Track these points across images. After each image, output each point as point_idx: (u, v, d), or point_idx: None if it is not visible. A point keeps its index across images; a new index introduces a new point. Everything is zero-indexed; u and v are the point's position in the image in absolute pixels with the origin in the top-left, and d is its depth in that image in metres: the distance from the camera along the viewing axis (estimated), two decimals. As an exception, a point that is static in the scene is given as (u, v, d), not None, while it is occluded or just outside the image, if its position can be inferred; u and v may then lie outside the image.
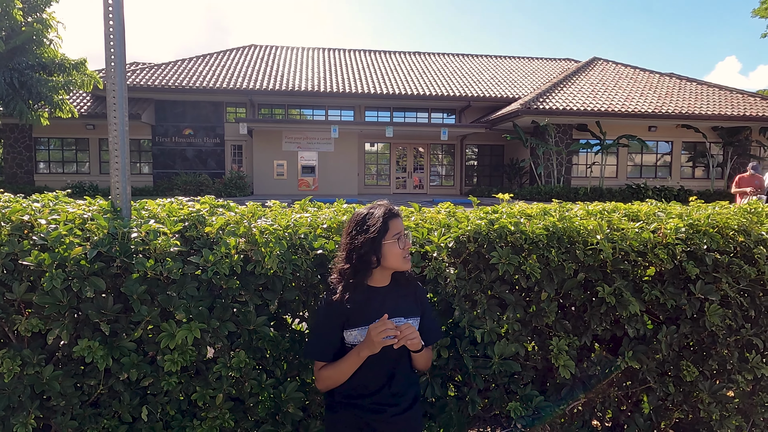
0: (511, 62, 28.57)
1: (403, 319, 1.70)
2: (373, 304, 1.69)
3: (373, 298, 1.70)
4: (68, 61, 13.08)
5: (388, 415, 1.69)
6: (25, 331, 1.71)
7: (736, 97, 21.31)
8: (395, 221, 1.68)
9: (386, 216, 1.68)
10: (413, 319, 1.73)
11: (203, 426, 1.84)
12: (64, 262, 1.70)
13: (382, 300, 1.71)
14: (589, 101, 19.55)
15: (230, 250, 1.85)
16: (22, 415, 1.73)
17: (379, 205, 1.72)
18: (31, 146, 20.91)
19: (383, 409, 1.69)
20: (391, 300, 1.72)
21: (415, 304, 1.76)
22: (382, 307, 1.69)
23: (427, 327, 1.78)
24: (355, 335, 1.68)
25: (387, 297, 1.72)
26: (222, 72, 22.58)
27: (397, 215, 1.70)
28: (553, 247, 2.08)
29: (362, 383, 1.70)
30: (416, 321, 1.74)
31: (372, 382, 1.70)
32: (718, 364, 2.25)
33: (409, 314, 1.73)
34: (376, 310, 1.68)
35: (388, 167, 23.87)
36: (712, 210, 2.44)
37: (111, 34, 2.07)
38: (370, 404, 1.70)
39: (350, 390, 1.71)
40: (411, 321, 1.72)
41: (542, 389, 2.22)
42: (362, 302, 1.69)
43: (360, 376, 1.69)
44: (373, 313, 1.68)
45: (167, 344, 1.73)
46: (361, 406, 1.70)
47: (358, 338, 1.68)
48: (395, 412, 1.70)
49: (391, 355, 1.68)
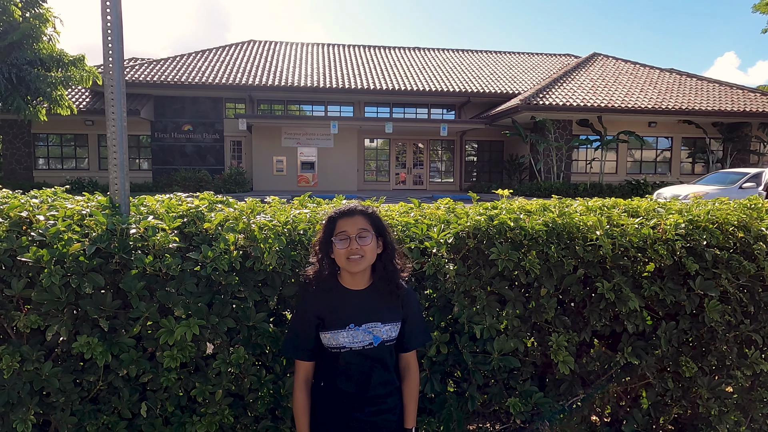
0: (511, 58, 28.50)
1: (379, 323, 1.68)
2: (346, 306, 1.68)
3: (347, 301, 1.68)
4: (66, 56, 13.04)
5: (366, 414, 1.69)
6: (24, 327, 1.71)
7: (736, 93, 21.28)
8: (343, 221, 1.65)
9: (335, 215, 1.67)
10: (393, 324, 1.70)
11: (203, 422, 1.85)
12: (62, 259, 1.70)
13: (357, 303, 1.68)
14: (589, 97, 19.52)
15: (229, 246, 1.84)
16: (21, 411, 1.73)
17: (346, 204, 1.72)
18: (30, 142, 20.88)
19: (361, 408, 1.70)
20: (367, 303, 1.69)
21: (398, 310, 1.71)
22: (355, 310, 1.67)
23: (408, 330, 1.74)
24: (328, 338, 1.67)
25: (363, 300, 1.69)
26: (221, 67, 22.52)
27: (346, 215, 1.66)
28: (553, 243, 2.07)
29: (338, 388, 1.70)
30: (396, 325, 1.71)
31: (347, 387, 1.70)
32: (717, 359, 2.26)
33: (387, 319, 1.69)
34: (349, 312, 1.67)
35: (387, 163, 23.85)
36: (712, 206, 2.44)
37: (109, 29, 2.06)
38: (347, 404, 1.70)
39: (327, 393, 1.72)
40: (389, 326, 1.69)
41: (541, 385, 2.22)
42: (336, 304, 1.68)
43: (335, 384, 1.70)
44: (346, 316, 1.67)
45: (166, 340, 1.73)
46: (338, 405, 1.71)
47: (331, 341, 1.67)
48: (372, 411, 1.70)
49: (364, 362, 1.68)
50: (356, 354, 1.67)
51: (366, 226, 1.65)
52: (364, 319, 1.67)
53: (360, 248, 1.62)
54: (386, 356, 1.71)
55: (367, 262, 1.65)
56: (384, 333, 1.68)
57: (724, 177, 14.18)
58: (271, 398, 1.92)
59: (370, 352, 1.67)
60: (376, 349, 1.67)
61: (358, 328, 1.66)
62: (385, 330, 1.68)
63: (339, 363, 1.69)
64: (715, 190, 12.91)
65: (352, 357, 1.67)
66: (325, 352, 1.71)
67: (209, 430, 1.85)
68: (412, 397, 1.77)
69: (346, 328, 1.66)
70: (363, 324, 1.66)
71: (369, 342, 1.66)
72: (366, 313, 1.67)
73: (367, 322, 1.67)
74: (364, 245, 1.62)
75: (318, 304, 1.69)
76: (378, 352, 1.68)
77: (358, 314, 1.67)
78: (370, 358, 1.68)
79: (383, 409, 1.72)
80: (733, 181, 13.58)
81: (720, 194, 12.33)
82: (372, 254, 1.65)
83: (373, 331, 1.67)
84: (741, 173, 13.83)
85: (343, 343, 1.66)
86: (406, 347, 1.76)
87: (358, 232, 1.63)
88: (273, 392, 1.93)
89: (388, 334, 1.69)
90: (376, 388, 1.70)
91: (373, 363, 1.69)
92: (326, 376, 1.73)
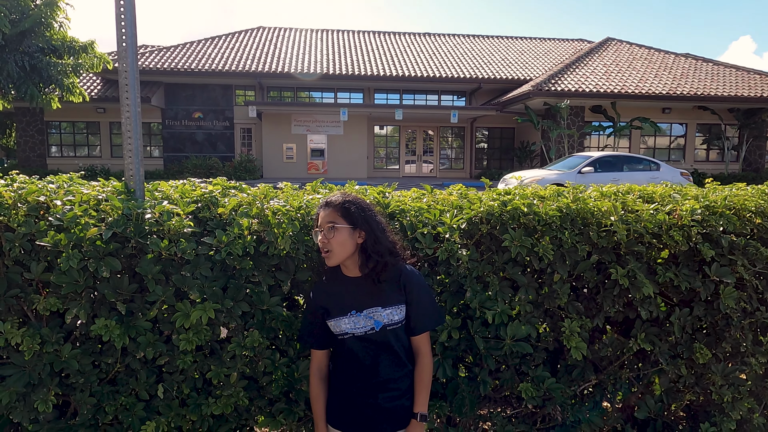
0: (523, 43, 28.10)
1: (379, 308, 1.68)
2: (347, 293, 1.71)
3: (348, 288, 1.71)
4: (77, 42, 13.08)
5: (378, 399, 1.72)
6: (44, 310, 1.74)
7: (753, 78, 20.83)
8: (321, 212, 1.69)
9: (319, 207, 1.72)
10: (394, 308, 1.70)
11: (218, 404, 1.88)
12: (80, 243, 1.72)
13: (356, 289, 1.71)
14: (602, 83, 19.23)
15: (243, 231, 1.86)
16: (42, 392, 1.77)
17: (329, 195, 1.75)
18: (43, 130, 21.07)
19: (373, 394, 1.72)
20: (365, 289, 1.69)
21: (399, 292, 1.71)
22: (355, 297, 1.69)
23: (414, 313, 1.72)
24: (332, 325, 1.72)
25: (361, 286, 1.70)
26: (231, 54, 22.48)
27: (322, 207, 1.70)
28: (567, 228, 2.06)
29: (350, 373, 1.74)
30: (399, 308, 1.71)
31: (357, 373, 1.73)
32: (732, 346, 2.24)
33: (388, 303, 1.69)
34: (349, 299, 1.70)
35: (397, 150, 23.76)
36: (729, 191, 2.40)
37: (122, 14, 2.06)
38: (359, 390, 1.74)
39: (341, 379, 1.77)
40: (390, 309, 1.69)
41: (553, 370, 2.23)
42: (338, 292, 1.73)
43: (346, 369, 1.75)
44: (347, 303, 1.70)
45: (182, 324, 1.76)
46: (351, 392, 1.74)
47: (335, 328, 1.71)
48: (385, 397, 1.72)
49: (370, 347, 1.70)
50: (360, 339, 1.69)
51: (335, 218, 1.65)
52: (364, 304, 1.69)
53: (327, 242, 1.64)
54: (392, 340, 1.71)
55: (336, 256, 1.65)
56: (385, 317, 1.68)
57: (572, 162, 13.61)
58: (285, 381, 1.95)
59: (373, 337, 1.69)
60: (379, 334, 1.69)
61: (359, 314, 1.69)
62: (386, 314, 1.68)
63: (346, 349, 1.73)
64: (554, 175, 12.52)
65: (356, 343, 1.70)
66: (335, 339, 1.76)
67: (224, 411, 1.88)
68: (423, 382, 1.76)
69: (348, 314, 1.69)
70: (364, 310, 1.69)
71: (371, 327, 1.68)
72: (366, 298, 1.69)
73: (367, 307, 1.69)
74: (330, 239, 1.63)
75: (323, 293, 1.75)
76: (381, 336, 1.69)
77: (359, 300, 1.69)
78: (375, 343, 1.70)
79: (395, 395, 1.73)
80: (575, 165, 13.15)
81: (558, 179, 11.99)
82: (341, 247, 1.64)
83: (374, 315, 1.68)
84: (585, 157, 13.39)
85: (345, 329, 1.69)
86: (413, 330, 1.75)
87: (327, 225, 1.65)
88: (287, 375, 1.95)
89: (390, 318, 1.69)
90: (385, 373, 1.72)
91: (378, 348, 1.71)
92: (338, 363, 1.78)
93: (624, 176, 12.57)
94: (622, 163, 13.35)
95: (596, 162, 13.06)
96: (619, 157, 13.65)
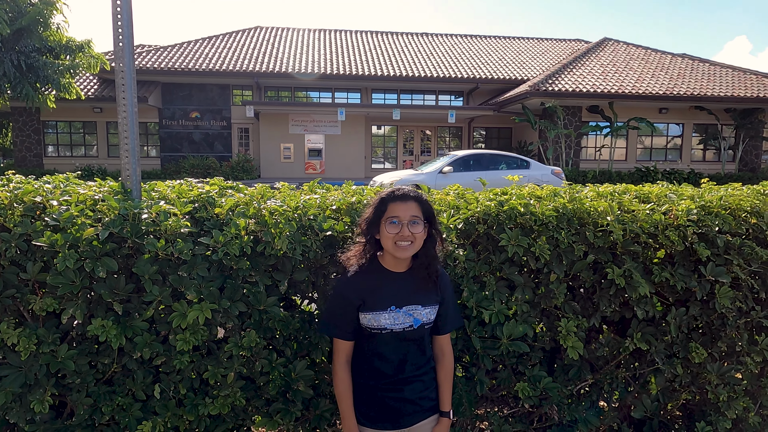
0: (520, 43, 28.14)
1: (419, 306, 1.70)
2: (387, 288, 1.70)
3: (388, 283, 1.70)
4: (74, 42, 13.04)
5: (404, 393, 1.73)
6: (40, 310, 1.74)
7: (750, 78, 20.90)
8: (395, 205, 1.64)
9: (387, 198, 1.66)
10: (432, 307, 1.72)
11: (215, 404, 1.87)
12: (76, 243, 1.72)
13: (398, 285, 1.70)
14: (599, 83, 19.27)
15: (240, 231, 1.86)
16: (38, 392, 1.77)
17: (397, 187, 1.71)
18: (39, 129, 20.99)
19: (399, 388, 1.73)
20: (407, 286, 1.71)
21: (436, 293, 1.74)
22: (396, 292, 1.69)
23: (443, 313, 1.77)
24: (369, 319, 1.69)
25: (404, 283, 1.71)
26: (228, 54, 22.44)
27: (399, 199, 1.65)
28: (563, 228, 2.07)
29: (375, 368, 1.74)
30: (434, 308, 1.74)
31: (384, 368, 1.73)
32: (727, 346, 2.25)
33: (426, 302, 1.72)
34: (390, 294, 1.69)
35: (395, 150, 23.75)
36: (725, 192, 2.41)
37: (119, 14, 2.05)
38: (385, 384, 1.74)
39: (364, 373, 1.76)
40: (429, 309, 1.72)
41: (550, 370, 2.23)
42: (377, 285, 1.70)
43: (372, 363, 1.74)
44: (388, 298, 1.69)
45: (179, 324, 1.75)
46: (377, 386, 1.74)
47: (372, 322, 1.68)
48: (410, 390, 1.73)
49: (402, 344, 1.71)
50: (396, 335, 1.70)
51: (418, 213, 1.65)
52: (404, 301, 1.69)
53: (411, 235, 1.62)
54: (425, 338, 1.75)
55: (415, 249, 1.66)
56: (424, 316, 1.71)
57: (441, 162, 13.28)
58: (282, 381, 1.95)
59: (410, 334, 1.70)
60: (416, 332, 1.71)
61: (399, 310, 1.68)
62: (425, 313, 1.71)
63: (377, 344, 1.71)
64: (414, 176, 12.35)
65: (391, 338, 1.70)
66: (362, 332, 1.74)
67: (221, 411, 1.88)
68: (448, 380, 1.80)
69: (388, 309, 1.68)
70: (404, 306, 1.69)
71: (409, 324, 1.69)
72: (406, 295, 1.70)
73: (407, 304, 1.69)
74: (415, 232, 1.63)
75: (359, 284, 1.70)
76: (417, 334, 1.71)
77: (399, 296, 1.69)
78: (408, 340, 1.71)
79: (420, 388, 1.75)
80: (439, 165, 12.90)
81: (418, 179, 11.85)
82: (421, 241, 1.66)
83: (413, 313, 1.69)
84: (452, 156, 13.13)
85: (384, 325, 1.68)
86: (441, 330, 1.79)
87: (411, 219, 1.63)
88: (284, 375, 1.95)
89: (428, 317, 1.72)
90: (412, 369, 1.74)
91: (410, 345, 1.72)
92: (364, 356, 1.75)
93: (488, 175, 11.77)
94: (487, 161, 13.08)
95: (459, 161, 12.78)
96: (484, 155, 13.42)
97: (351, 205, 2.12)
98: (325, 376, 2.06)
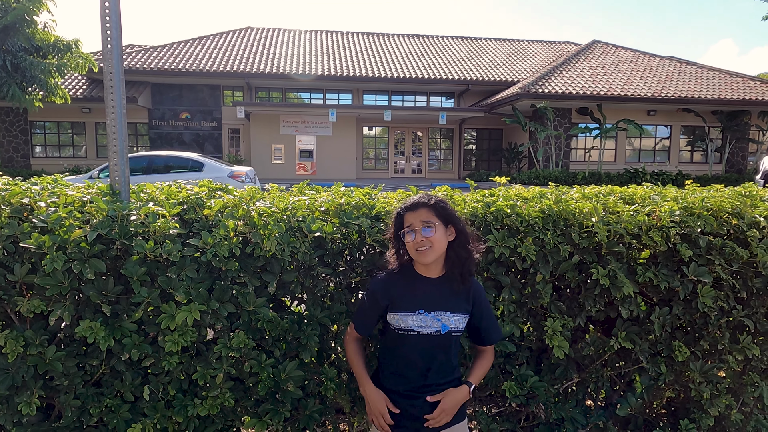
0: (511, 45, 28.30)
1: (448, 313, 1.73)
2: (418, 291, 1.74)
3: (420, 287, 1.74)
4: (62, 41, 12.92)
5: (422, 400, 1.75)
6: (28, 312, 1.73)
7: (736, 81, 21.20)
8: (408, 215, 1.71)
9: (401, 211, 1.74)
10: (461, 316, 1.75)
11: (204, 405, 1.88)
12: (64, 245, 1.72)
13: (429, 290, 1.74)
14: (588, 85, 19.44)
15: (229, 232, 1.86)
16: (26, 395, 1.76)
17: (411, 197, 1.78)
18: (27, 130, 20.77)
19: (419, 396, 1.75)
20: (438, 291, 1.74)
21: (467, 302, 1.77)
22: (427, 297, 1.73)
23: (485, 326, 1.82)
24: (396, 319, 1.74)
25: (435, 288, 1.74)
26: (218, 54, 22.35)
27: (410, 209, 1.72)
28: (549, 229, 2.10)
29: (399, 373, 1.77)
30: (464, 318, 1.76)
31: (408, 374, 1.76)
32: (710, 344, 2.29)
33: (456, 310, 1.74)
34: (420, 299, 1.73)
35: (386, 151, 23.79)
36: (707, 193, 2.46)
37: (107, 15, 2.05)
38: (405, 391, 1.76)
39: (388, 378, 1.80)
40: (458, 317, 1.74)
41: (537, 369, 2.26)
42: (408, 288, 1.75)
43: (397, 368, 1.77)
44: (417, 301, 1.73)
45: (168, 325, 1.76)
46: (398, 392, 1.77)
47: (400, 323, 1.73)
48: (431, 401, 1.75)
49: (428, 348, 1.74)
50: (423, 339, 1.72)
51: (429, 217, 1.69)
52: (433, 306, 1.72)
53: (425, 239, 1.67)
54: (451, 345, 1.77)
55: (435, 252, 1.69)
56: (452, 323, 1.73)
57: None
58: (272, 382, 1.96)
59: (436, 339, 1.73)
60: (443, 337, 1.73)
61: (427, 314, 1.72)
62: (453, 320, 1.73)
63: (403, 346, 1.75)
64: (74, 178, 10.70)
65: (418, 341, 1.73)
66: (389, 333, 1.79)
67: (211, 412, 1.88)
68: (483, 367, 1.85)
69: (416, 312, 1.72)
70: (432, 311, 1.72)
71: (437, 329, 1.72)
72: (436, 300, 1.73)
73: (436, 309, 1.72)
74: (429, 236, 1.67)
75: (390, 285, 1.77)
76: (444, 340, 1.74)
77: (429, 301, 1.73)
78: (434, 345, 1.74)
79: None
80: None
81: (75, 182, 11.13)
82: (440, 244, 1.69)
83: (442, 319, 1.72)
84: None
85: (411, 326, 1.72)
86: (485, 341, 1.84)
87: (423, 225, 1.68)
88: (273, 376, 1.96)
89: (456, 324, 1.74)
90: (436, 378, 1.76)
91: (437, 352, 1.74)
92: (390, 359, 1.80)
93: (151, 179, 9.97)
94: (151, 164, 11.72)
95: None
96: (148, 156, 12.03)
97: (339, 207, 2.13)
98: (315, 377, 2.07)
